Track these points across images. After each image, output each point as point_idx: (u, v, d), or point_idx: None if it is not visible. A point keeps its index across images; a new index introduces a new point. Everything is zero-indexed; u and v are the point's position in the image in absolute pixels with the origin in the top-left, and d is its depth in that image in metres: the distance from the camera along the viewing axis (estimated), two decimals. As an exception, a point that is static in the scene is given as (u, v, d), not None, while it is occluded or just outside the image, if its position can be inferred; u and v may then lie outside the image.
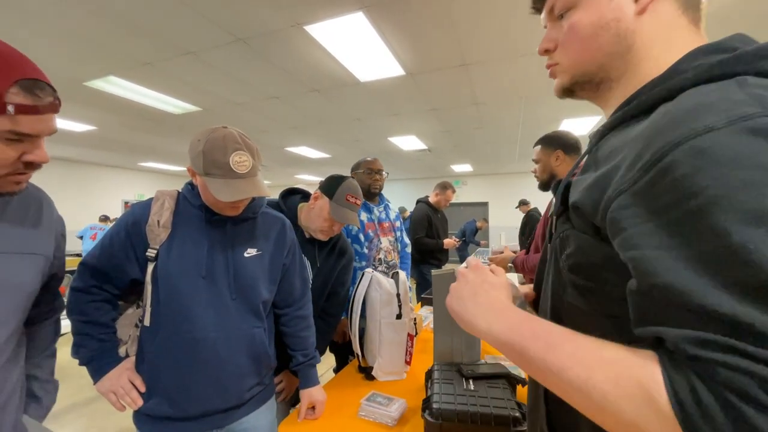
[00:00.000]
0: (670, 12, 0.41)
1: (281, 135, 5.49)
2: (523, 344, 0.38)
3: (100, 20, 2.39)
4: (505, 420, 0.85)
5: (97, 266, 0.90)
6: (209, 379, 0.89)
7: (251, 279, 0.95)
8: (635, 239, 0.32)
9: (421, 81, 3.45)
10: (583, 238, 0.41)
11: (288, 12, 2.30)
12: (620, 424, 0.31)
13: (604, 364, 0.32)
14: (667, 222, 0.30)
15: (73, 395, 2.62)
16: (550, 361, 0.35)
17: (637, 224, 0.32)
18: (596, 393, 0.32)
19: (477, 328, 0.44)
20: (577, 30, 0.45)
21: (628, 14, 0.42)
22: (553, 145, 1.52)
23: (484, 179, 9.82)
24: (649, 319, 0.32)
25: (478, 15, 2.36)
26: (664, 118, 0.33)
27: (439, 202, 3.46)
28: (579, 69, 0.47)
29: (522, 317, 0.41)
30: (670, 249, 0.30)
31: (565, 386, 0.34)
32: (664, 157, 0.30)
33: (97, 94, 3.67)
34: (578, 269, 0.42)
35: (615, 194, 0.34)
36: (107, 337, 0.91)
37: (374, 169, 1.88)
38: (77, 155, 7.05)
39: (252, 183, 0.86)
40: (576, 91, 0.50)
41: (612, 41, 0.43)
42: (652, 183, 0.31)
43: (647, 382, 0.29)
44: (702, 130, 0.29)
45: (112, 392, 0.87)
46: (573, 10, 0.45)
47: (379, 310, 1.34)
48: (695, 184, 0.28)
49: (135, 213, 0.92)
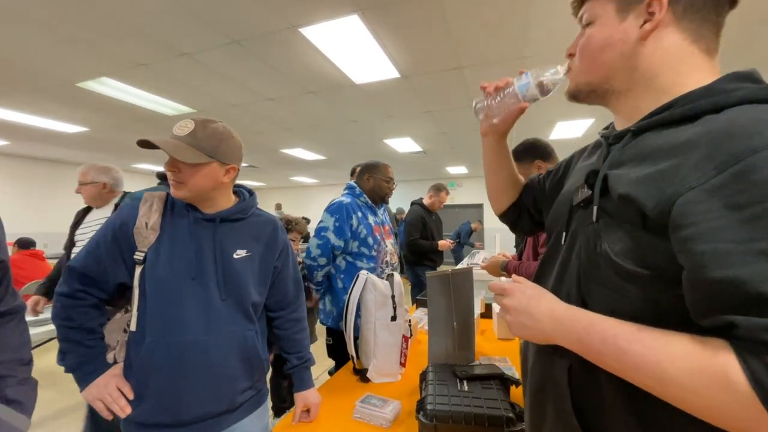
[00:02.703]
0: (677, 42, 0.47)
1: (276, 137, 5.48)
2: (593, 352, 0.43)
3: (93, 21, 2.37)
4: (499, 420, 0.86)
5: (84, 270, 0.88)
6: (200, 383, 0.87)
7: (240, 280, 0.94)
8: (707, 233, 0.34)
9: (416, 83, 3.47)
10: (628, 227, 0.44)
11: (283, 14, 2.30)
12: (700, 408, 0.35)
13: (675, 359, 0.36)
14: (744, 218, 0.33)
15: (63, 400, 2.58)
16: (624, 362, 0.40)
17: (710, 219, 0.34)
18: (673, 386, 0.36)
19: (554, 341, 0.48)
20: (589, 43, 0.52)
21: (632, 38, 0.48)
22: (529, 157, 1.49)
23: (479, 181, 9.86)
24: (717, 308, 0.34)
25: (473, 18, 2.38)
26: (731, 127, 0.37)
27: (433, 204, 3.47)
28: (584, 78, 0.54)
29: (585, 323, 0.45)
30: (745, 243, 0.32)
31: (642, 380, 0.39)
32: (740, 161, 0.34)
33: (89, 95, 3.63)
34: (629, 256, 0.44)
35: (683, 190, 0.37)
36: (94, 343, 0.89)
37: (392, 177, 1.89)
38: (69, 157, 6.97)
39: (173, 141, 0.85)
40: (580, 98, 0.56)
41: (616, 58, 0.49)
42: (727, 183, 0.34)
43: (723, 369, 0.33)
44: None
45: (100, 400, 0.85)
46: (592, 24, 0.52)
47: (374, 312, 1.34)
48: None
49: (122, 215, 0.91)
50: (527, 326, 0.51)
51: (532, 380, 0.60)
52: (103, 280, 0.89)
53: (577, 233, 0.53)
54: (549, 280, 0.58)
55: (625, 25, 0.48)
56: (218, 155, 0.88)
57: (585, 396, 0.49)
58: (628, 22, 0.48)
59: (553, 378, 0.53)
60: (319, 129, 5.08)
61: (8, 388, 0.73)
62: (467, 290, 1.37)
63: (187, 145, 0.85)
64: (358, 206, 1.77)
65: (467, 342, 1.36)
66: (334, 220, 1.68)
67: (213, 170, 0.89)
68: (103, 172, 1.98)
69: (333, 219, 1.68)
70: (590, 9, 0.52)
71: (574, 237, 0.54)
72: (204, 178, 0.88)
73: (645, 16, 0.47)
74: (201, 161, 0.86)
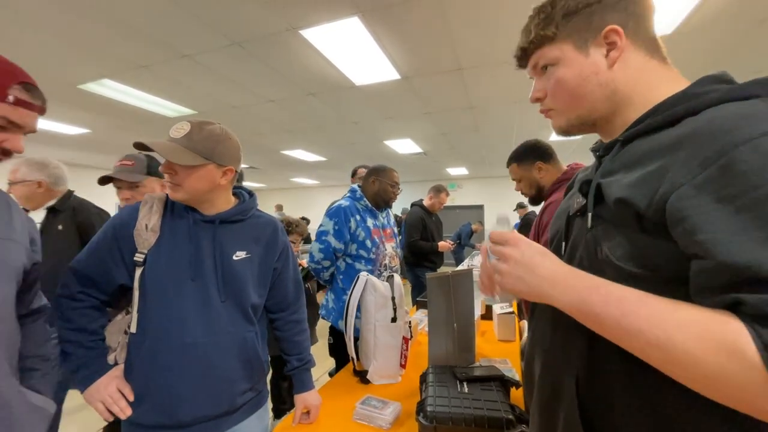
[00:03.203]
0: (640, 59, 0.51)
1: (277, 138, 5.49)
2: (596, 311, 0.43)
3: (94, 23, 2.38)
4: (499, 422, 0.86)
5: (84, 272, 0.88)
6: (200, 385, 0.88)
7: (240, 282, 0.94)
8: (703, 225, 0.37)
9: (417, 85, 3.47)
10: (626, 230, 0.45)
11: (283, 16, 2.31)
12: (703, 377, 0.36)
13: (683, 324, 0.37)
14: (736, 208, 0.35)
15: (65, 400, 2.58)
16: (626, 325, 0.40)
17: (703, 212, 0.37)
18: (678, 351, 0.36)
19: (549, 300, 0.48)
20: (563, 83, 0.54)
21: (603, 68, 0.52)
22: (531, 159, 1.49)
23: (479, 182, 9.86)
24: (726, 289, 0.36)
25: (473, 20, 2.39)
26: (711, 125, 0.39)
27: (433, 206, 3.47)
28: (573, 113, 0.56)
29: (588, 283, 0.45)
30: (744, 231, 0.35)
31: (642, 346, 0.39)
32: (723, 156, 0.36)
33: (91, 97, 3.64)
34: (629, 258, 0.45)
35: (673, 188, 0.39)
36: (95, 344, 0.89)
37: (398, 182, 1.89)
38: (71, 158, 6.98)
39: (169, 144, 0.85)
40: (572, 132, 0.58)
41: (596, 89, 0.52)
42: (715, 177, 0.36)
43: (733, 337, 0.34)
44: (759, 134, 0.36)
45: (100, 401, 0.85)
46: (556, 66, 0.54)
47: (374, 314, 1.34)
48: (762, 176, 0.34)
49: (123, 217, 0.91)
50: (524, 280, 0.50)
51: (540, 394, 0.60)
52: (103, 281, 0.89)
53: (577, 242, 0.55)
54: None
55: (592, 58, 0.52)
56: (215, 157, 0.88)
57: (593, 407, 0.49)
58: (592, 55, 0.52)
59: (561, 391, 0.54)
60: (320, 130, 5.08)
61: (34, 380, 0.77)
62: (468, 292, 1.37)
63: (182, 147, 0.85)
64: (357, 209, 1.80)
65: (467, 343, 1.36)
66: (333, 223, 1.73)
67: (209, 172, 0.89)
68: (38, 168, 1.67)
69: (332, 222, 1.73)
70: (545, 54, 0.55)
71: (575, 246, 0.55)
72: (200, 180, 0.88)
73: (604, 46, 0.51)
74: (196, 163, 0.86)
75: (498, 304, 1.91)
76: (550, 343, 0.58)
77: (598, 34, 0.51)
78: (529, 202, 1.57)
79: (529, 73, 0.61)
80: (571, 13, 0.52)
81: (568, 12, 0.52)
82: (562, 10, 0.53)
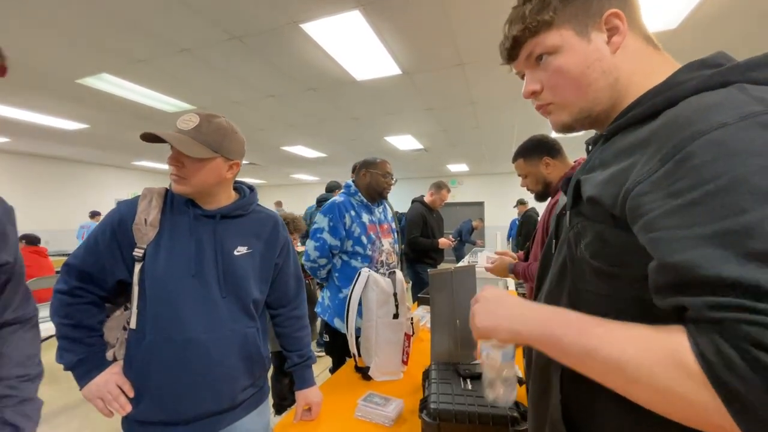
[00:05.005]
0: (638, 45, 0.49)
1: (277, 134, 5.46)
2: (557, 333, 0.42)
3: (93, 17, 2.35)
4: (503, 420, 0.85)
5: (82, 267, 0.86)
6: (201, 381, 0.87)
7: (241, 278, 0.93)
8: (654, 222, 0.36)
9: (418, 80, 3.44)
10: (601, 227, 0.45)
11: (284, 10, 2.28)
12: (656, 393, 0.34)
13: (634, 339, 0.36)
14: (685, 204, 0.34)
15: (65, 397, 2.58)
16: (584, 343, 0.39)
17: (655, 208, 0.36)
18: (630, 366, 0.35)
19: (516, 333, 0.48)
20: (565, 71, 0.50)
21: (606, 53, 0.49)
22: (537, 154, 1.47)
23: (480, 179, 9.84)
24: (670, 291, 0.35)
25: (475, 14, 2.36)
26: (677, 119, 0.38)
27: (434, 202, 3.46)
28: (576, 106, 0.52)
29: (550, 311, 0.45)
30: (688, 227, 0.33)
31: (600, 366, 0.38)
32: (680, 150, 0.35)
33: (89, 91, 3.61)
34: (600, 255, 0.45)
35: (633, 185, 0.38)
36: (93, 340, 0.88)
37: (390, 173, 1.84)
38: (69, 154, 6.97)
39: (180, 135, 0.83)
40: (576, 127, 0.54)
41: (600, 77, 0.49)
42: (670, 172, 0.35)
43: (675, 347, 0.33)
44: (716, 125, 0.34)
45: (99, 398, 0.84)
46: (555, 54, 0.51)
47: (376, 310, 1.33)
48: (714, 170, 0.32)
49: (121, 211, 0.89)
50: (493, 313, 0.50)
51: (533, 390, 0.61)
52: (102, 277, 0.87)
53: (563, 241, 0.54)
54: (544, 288, 0.60)
55: (594, 44, 0.49)
56: (223, 150, 0.87)
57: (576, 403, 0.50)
58: (594, 41, 0.49)
59: (548, 385, 0.54)
60: (320, 126, 5.06)
61: (6, 410, 0.66)
62: (469, 288, 1.36)
63: (192, 139, 0.84)
64: (351, 205, 1.76)
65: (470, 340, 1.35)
66: (328, 220, 1.69)
67: (217, 165, 0.88)
68: None
69: (327, 219, 1.70)
70: (543, 42, 0.51)
71: (561, 245, 0.55)
72: (208, 174, 0.87)
73: (605, 31, 0.49)
74: (206, 156, 0.84)
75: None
76: None
77: (599, 18, 0.48)
78: (535, 198, 1.55)
79: (519, 67, 0.56)
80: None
81: None
82: None
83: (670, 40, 2.67)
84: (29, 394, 0.70)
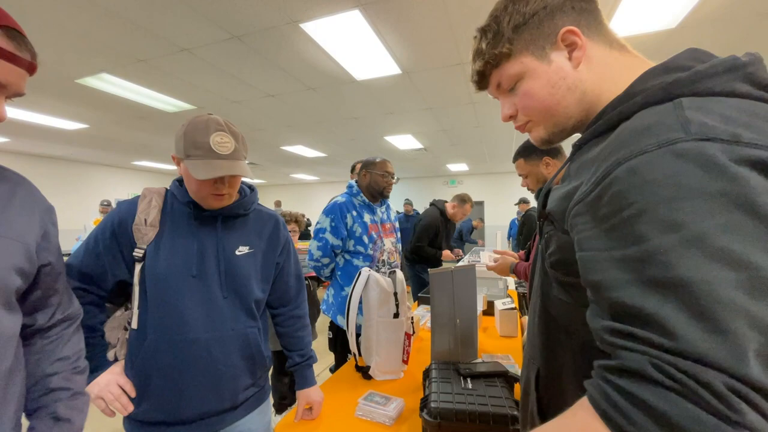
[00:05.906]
0: (602, 53, 0.49)
1: (276, 133, 5.46)
2: None
3: (93, 16, 2.35)
4: (504, 419, 0.85)
5: (82, 268, 0.86)
6: (202, 382, 0.87)
7: (243, 278, 0.93)
8: (582, 242, 0.38)
9: (418, 80, 3.44)
10: (564, 238, 0.46)
11: (284, 9, 2.28)
12: None
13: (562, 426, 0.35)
14: (606, 229, 0.36)
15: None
16: None
17: (585, 230, 0.38)
18: None
19: None
20: (532, 95, 0.52)
21: (568, 70, 0.49)
22: (538, 153, 1.47)
23: (480, 178, 9.84)
24: (594, 312, 0.36)
25: (475, 13, 2.36)
26: (617, 140, 0.38)
27: (455, 216, 3.33)
28: (550, 122, 0.54)
29: None
30: (604, 251, 0.35)
31: None
32: (609, 175, 0.36)
33: (89, 91, 3.61)
34: (559, 265, 0.48)
35: (573, 204, 0.41)
36: (94, 340, 0.88)
37: (390, 172, 1.83)
38: (69, 154, 6.96)
39: (233, 164, 0.83)
40: (555, 140, 0.57)
41: (566, 94, 0.50)
42: (599, 196, 0.37)
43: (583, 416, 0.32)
44: (638, 152, 0.35)
45: (101, 398, 0.84)
46: (521, 81, 0.52)
47: (377, 309, 1.34)
48: (628, 197, 0.34)
49: (121, 211, 0.89)
50: None
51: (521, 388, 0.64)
52: (102, 277, 0.87)
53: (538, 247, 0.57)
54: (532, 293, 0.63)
55: (556, 64, 0.50)
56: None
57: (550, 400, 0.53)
58: (555, 61, 0.50)
59: (528, 384, 0.57)
60: (320, 126, 5.05)
61: (59, 403, 0.67)
62: (469, 287, 1.36)
63: (243, 162, 0.87)
64: (353, 205, 1.78)
65: (470, 339, 1.35)
66: (330, 220, 1.72)
67: None
68: None
69: (329, 219, 1.73)
70: (506, 71, 0.53)
71: (539, 250, 0.57)
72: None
73: (564, 48, 0.49)
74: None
75: (500, 300, 1.90)
76: (527, 339, 0.63)
77: (555, 39, 0.49)
78: (535, 198, 1.55)
79: (493, 94, 0.59)
80: (520, 24, 0.50)
81: (516, 25, 0.50)
82: (510, 24, 0.51)
83: (670, 40, 2.67)
84: (80, 387, 0.73)
